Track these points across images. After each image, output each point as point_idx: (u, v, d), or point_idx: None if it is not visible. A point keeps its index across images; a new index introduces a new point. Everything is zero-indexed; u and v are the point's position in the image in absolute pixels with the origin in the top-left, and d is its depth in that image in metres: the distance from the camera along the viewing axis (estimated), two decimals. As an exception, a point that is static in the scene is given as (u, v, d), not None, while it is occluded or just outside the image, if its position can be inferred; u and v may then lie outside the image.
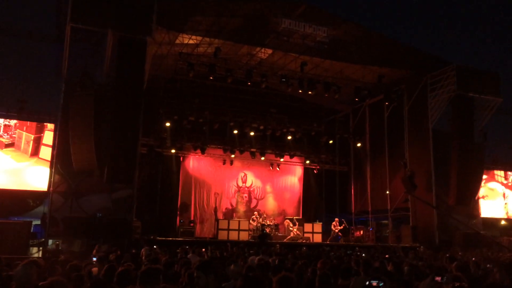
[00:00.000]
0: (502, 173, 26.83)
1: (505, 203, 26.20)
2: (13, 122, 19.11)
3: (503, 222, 25.64)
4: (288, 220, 21.46)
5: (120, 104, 15.37)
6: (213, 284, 3.56)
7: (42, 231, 15.96)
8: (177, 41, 18.77)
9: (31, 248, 14.84)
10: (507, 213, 26.06)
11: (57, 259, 8.16)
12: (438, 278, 4.09)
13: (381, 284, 3.98)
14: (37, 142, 19.16)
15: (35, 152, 19.01)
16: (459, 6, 66.57)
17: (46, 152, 18.92)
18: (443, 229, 19.63)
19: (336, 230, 21.27)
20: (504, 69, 60.31)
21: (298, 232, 20.75)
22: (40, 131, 19.34)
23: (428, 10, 65.29)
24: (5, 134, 18.93)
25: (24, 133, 19.20)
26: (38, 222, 16.67)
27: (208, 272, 3.96)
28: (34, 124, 19.41)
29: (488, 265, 8.99)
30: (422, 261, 10.65)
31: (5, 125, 18.99)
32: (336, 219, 21.84)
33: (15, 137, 19.04)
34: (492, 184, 26.20)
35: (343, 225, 21.43)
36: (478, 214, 21.77)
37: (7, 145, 18.84)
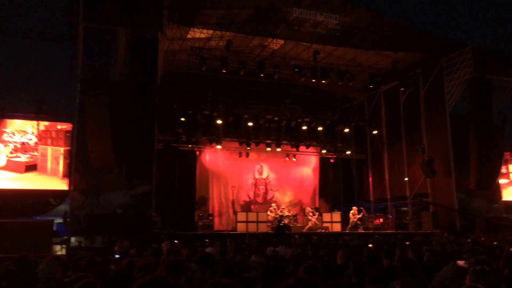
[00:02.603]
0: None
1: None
2: (33, 140, 17.55)
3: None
4: (309, 208, 21.43)
5: (135, 101, 15.50)
6: (209, 279, 3.55)
7: (64, 228, 16.26)
8: (189, 36, 18.80)
9: (54, 246, 15.11)
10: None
11: (80, 256, 8.30)
12: (460, 263, 4.03)
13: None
14: (69, 157, 17.16)
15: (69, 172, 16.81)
16: (473, -14, 65.08)
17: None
18: (464, 214, 19.40)
19: (355, 219, 21.16)
20: (522, 49, 58.84)
21: (317, 222, 20.71)
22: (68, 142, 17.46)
23: (442, -8, 64.02)
24: (25, 153, 17.06)
25: (49, 147, 17.65)
26: (61, 220, 16.99)
27: (205, 266, 3.97)
28: (61, 133, 17.96)
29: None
30: (444, 247, 10.56)
31: (22, 144, 16.98)
32: (354, 207, 21.71)
33: (37, 156, 17.66)
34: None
35: (362, 213, 21.31)
36: (500, 197, 21.43)
37: (29, 168, 17.48)
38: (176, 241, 12.95)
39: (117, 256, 8.63)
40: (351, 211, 21.40)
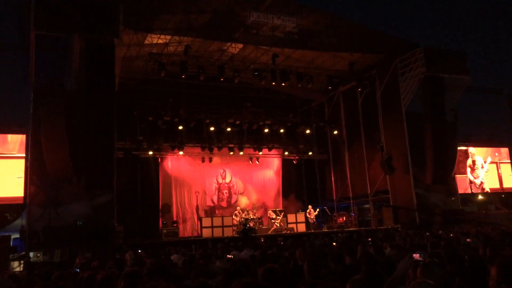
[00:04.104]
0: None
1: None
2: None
3: (480, 197, 26.32)
4: (271, 212, 21.57)
5: (92, 109, 15.13)
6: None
7: (22, 244, 15.63)
8: (146, 42, 18.54)
9: (12, 262, 14.51)
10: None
11: (37, 272, 8.02)
12: (416, 256, 4.18)
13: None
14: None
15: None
16: (424, -12, 67.52)
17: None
18: (422, 208, 20.05)
19: (311, 217, 21.52)
20: (471, 48, 61.56)
21: (281, 224, 20.87)
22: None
23: (394, -6, 66.10)
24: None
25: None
26: (18, 235, 16.33)
27: (158, 276, 3.97)
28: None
29: (468, 239, 9.23)
30: (405, 241, 10.87)
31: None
32: (310, 206, 22.10)
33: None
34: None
35: (317, 210, 21.70)
36: (456, 191, 22.28)
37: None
38: (140, 251, 12.71)
39: (77, 270, 8.38)
40: (307, 210, 21.75)
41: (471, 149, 26.84)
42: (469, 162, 26.55)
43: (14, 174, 18.64)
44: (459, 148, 23.72)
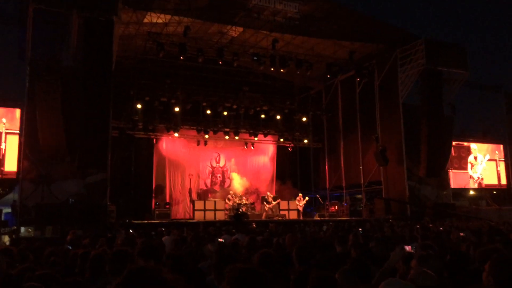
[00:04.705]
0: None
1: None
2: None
3: (471, 192, 26.54)
4: (268, 193, 21.74)
5: (89, 86, 15.00)
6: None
7: (13, 218, 15.63)
8: (145, 20, 18.33)
9: (2, 236, 14.52)
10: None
11: (29, 246, 8.02)
12: (407, 247, 4.21)
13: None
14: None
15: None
16: (428, -20, 67.04)
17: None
18: (414, 201, 20.20)
19: (300, 204, 21.60)
20: (471, 43, 61.47)
21: (272, 210, 20.92)
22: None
23: (398, -15, 65.54)
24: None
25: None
26: (9, 209, 16.31)
27: (148, 257, 3.97)
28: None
29: (461, 234, 9.27)
30: (395, 233, 10.96)
31: None
32: (300, 194, 22.16)
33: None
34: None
35: (306, 199, 21.79)
36: (448, 185, 22.43)
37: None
38: (131, 231, 12.75)
39: (69, 247, 8.38)
40: (297, 198, 21.83)
41: (473, 146, 27.07)
42: (470, 158, 26.77)
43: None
44: (461, 144, 23.84)
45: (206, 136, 22.45)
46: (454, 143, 24.27)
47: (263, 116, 23.07)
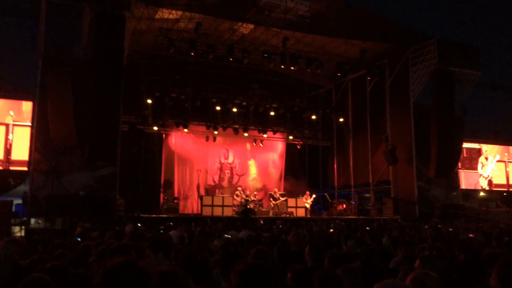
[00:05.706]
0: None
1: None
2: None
3: (481, 194, 26.32)
4: (276, 190, 21.74)
5: (100, 80, 15.12)
6: (163, 262, 3.59)
7: (24, 210, 15.82)
8: (157, 16, 18.39)
9: (13, 227, 14.71)
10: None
11: (39, 238, 8.12)
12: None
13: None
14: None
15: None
16: (442, -21, 66.43)
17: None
18: (423, 201, 20.08)
19: (307, 202, 21.54)
20: (485, 44, 60.82)
21: (278, 206, 20.90)
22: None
23: (411, -17, 65.01)
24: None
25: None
26: (20, 201, 16.50)
27: (157, 249, 4.00)
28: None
29: (470, 235, 9.20)
30: (404, 233, 10.91)
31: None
32: (307, 192, 22.11)
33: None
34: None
35: (313, 197, 21.72)
36: (458, 186, 22.27)
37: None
38: (139, 224, 12.84)
39: (78, 239, 8.48)
40: (304, 196, 21.79)
41: (484, 147, 26.90)
42: (481, 159, 26.62)
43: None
44: (472, 146, 23.60)
45: (215, 132, 22.50)
46: (465, 144, 24.10)
47: (272, 113, 23.04)
